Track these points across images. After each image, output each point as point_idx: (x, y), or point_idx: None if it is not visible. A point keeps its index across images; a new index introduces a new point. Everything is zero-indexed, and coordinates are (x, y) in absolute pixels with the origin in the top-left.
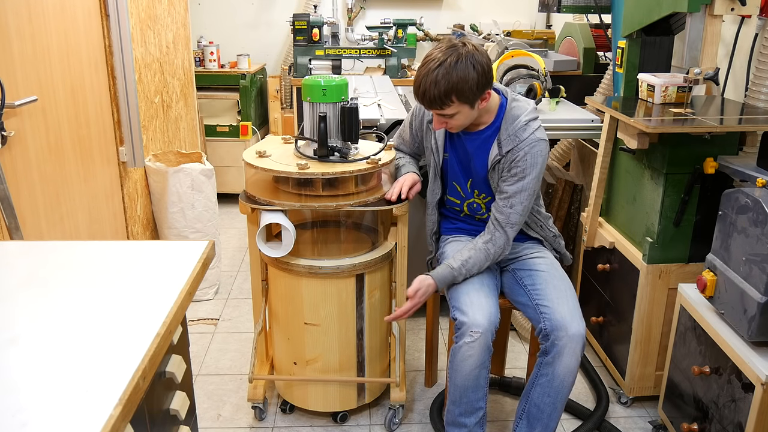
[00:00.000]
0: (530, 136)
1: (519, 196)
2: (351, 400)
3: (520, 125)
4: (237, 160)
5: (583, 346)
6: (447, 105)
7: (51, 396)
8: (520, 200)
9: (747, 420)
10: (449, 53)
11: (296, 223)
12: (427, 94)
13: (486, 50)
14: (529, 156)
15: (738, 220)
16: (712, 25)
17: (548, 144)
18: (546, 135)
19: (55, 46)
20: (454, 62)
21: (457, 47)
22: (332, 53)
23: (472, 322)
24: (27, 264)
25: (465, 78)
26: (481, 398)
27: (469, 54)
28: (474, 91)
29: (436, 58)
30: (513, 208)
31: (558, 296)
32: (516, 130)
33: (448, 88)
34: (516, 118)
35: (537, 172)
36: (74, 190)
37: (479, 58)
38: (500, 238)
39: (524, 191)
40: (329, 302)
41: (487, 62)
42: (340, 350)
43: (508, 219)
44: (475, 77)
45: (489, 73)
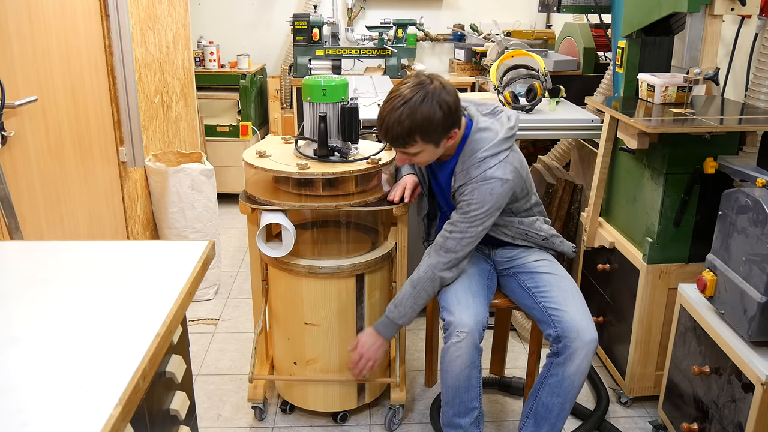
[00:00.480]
0: (481, 174)
1: (460, 226)
2: (351, 400)
3: (474, 162)
4: (237, 160)
5: (596, 348)
6: (410, 144)
7: (51, 396)
8: (460, 229)
9: (747, 420)
10: (416, 90)
11: (296, 223)
12: (390, 132)
13: (454, 88)
14: (476, 193)
15: (738, 220)
16: (712, 25)
17: (508, 182)
18: (509, 171)
19: (55, 46)
20: (419, 101)
21: (425, 84)
22: (332, 53)
23: (458, 322)
24: (27, 264)
25: (430, 118)
26: (474, 398)
27: (436, 92)
28: (439, 132)
29: (402, 94)
30: (451, 234)
31: (565, 298)
32: (468, 166)
33: (412, 128)
34: (473, 153)
35: (485, 209)
36: (74, 190)
37: (446, 97)
38: (425, 262)
39: (465, 223)
40: (329, 302)
41: (454, 101)
42: (340, 350)
43: (444, 243)
44: (440, 117)
45: (456, 113)
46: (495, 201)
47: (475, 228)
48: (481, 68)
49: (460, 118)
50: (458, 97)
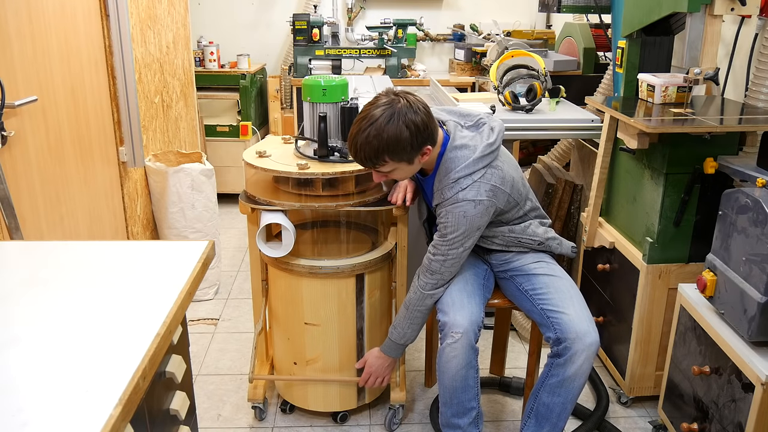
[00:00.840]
0: (453, 196)
1: (441, 248)
2: (351, 400)
3: (447, 183)
4: (237, 160)
5: (597, 350)
6: (380, 164)
7: (51, 396)
8: (441, 251)
9: (747, 420)
10: (383, 110)
11: (296, 223)
12: (359, 154)
13: (425, 104)
14: (449, 216)
15: (738, 220)
16: (712, 25)
17: (479, 203)
18: (483, 191)
19: (55, 46)
20: (385, 122)
21: (392, 104)
22: (332, 53)
23: (453, 323)
24: (27, 264)
25: (397, 138)
26: (472, 398)
27: (403, 112)
28: (408, 151)
29: (369, 115)
30: (435, 257)
31: (563, 299)
32: (443, 186)
33: (380, 149)
34: (447, 172)
35: (461, 231)
36: (74, 190)
37: (413, 117)
38: (414, 284)
39: (446, 245)
40: (329, 302)
41: (422, 119)
42: (340, 350)
43: (429, 266)
44: (407, 137)
45: (425, 131)
46: (469, 223)
47: (455, 250)
48: (481, 68)
49: (432, 135)
50: (428, 113)
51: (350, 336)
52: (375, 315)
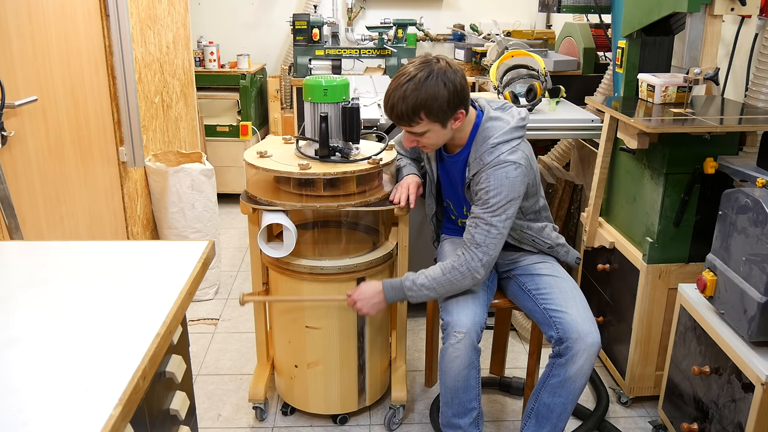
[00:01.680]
0: (494, 159)
1: (483, 217)
2: (352, 402)
3: (486, 148)
4: (237, 160)
5: (598, 351)
6: (415, 122)
7: (51, 396)
8: (484, 221)
9: (747, 420)
10: (421, 68)
11: (297, 223)
12: (395, 109)
13: (462, 69)
14: (492, 179)
15: (738, 220)
16: (712, 25)
17: (522, 167)
18: (524, 156)
19: (55, 46)
20: (424, 78)
21: (431, 63)
22: (332, 53)
23: (456, 323)
24: (27, 264)
25: (435, 95)
26: (473, 398)
27: (442, 71)
28: (444, 110)
29: (407, 72)
30: (477, 228)
31: (566, 300)
32: (482, 153)
33: (416, 104)
34: (485, 140)
35: (504, 194)
36: (74, 190)
37: (451, 76)
38: (462, 257)
39: (488, 213)
40: (330, 304)
41: (460, 81)
42: (341, 352)
43: (473, 239)
44: (445, 95)
45: (462, 92)
46: (511, 185)
47: (498, 218)
48: (481, 68)
49: (466, 100)
50: (465, 78)
51: (351, 338)
52: (376, 315)
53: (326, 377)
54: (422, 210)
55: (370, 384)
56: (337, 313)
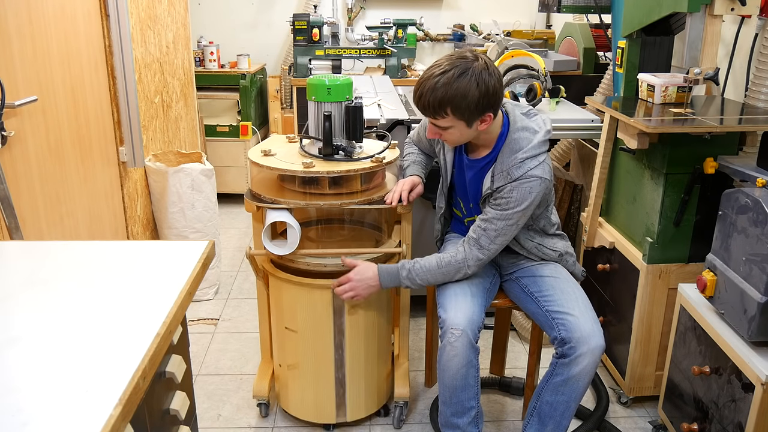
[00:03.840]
0: (524, 174)
1: (496, 223)
2: (329, 414)
3: (515, 162)
4: (237, 160)
5: (602, 353)
6: (441, 116)
7: (51, 396)
8: (495, 227)
9: (747, 420)
10: (457, 64)
11: (301, 221)
12: (422, 99)
13: (499, 73)
14: (515, 192)
15: (738, 220)
16: (712, 25)
17: (546, 181)
18: (549, 170)
19: (55, 46)
20: (458, 74)
21: (468, 60)
22: (332, 53)
23: (452, 320)
24: (27, 264)
25: (465, 93)
26: (471, 397)
27: (477, 71)
28: (471, 110)
29: (442, 64)
30: (486, 232)
31: (568, 301)
32: (510, 166)
33: (444, 99)
34: (514, 152)
35: (523, 207)
36: (74, 190)
37: (486, 78)
38: (461, 253)
39: (502, 221)
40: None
41: (495, 84)
42: (315, 361)
43: (478, 240)
44: (476, 96)
45: (494, 96)
46: (533, 199)
47: (510, 227)
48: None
49: (497, 103)
50: (500, 82)
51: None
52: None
53: (302, 383)
54: (425, 208)
55: (352, 400)
56: (313, 319)
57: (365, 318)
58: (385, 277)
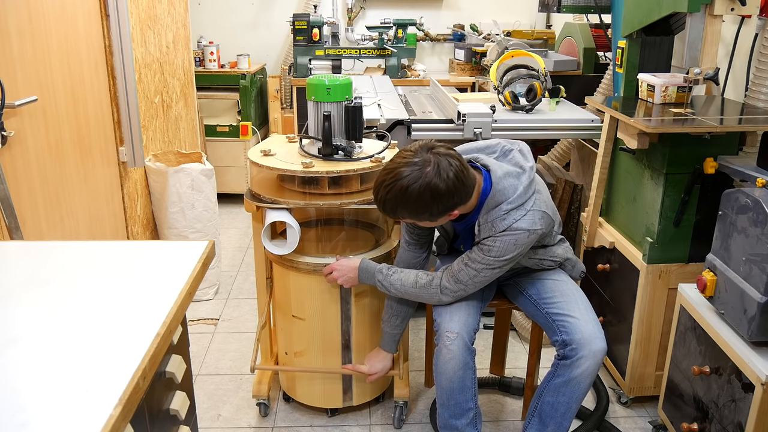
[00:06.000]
0: (509, 227)
1: (477, 265)
2: (336, 398)
3: (499, 214)
4: (237, 160)
5: (603, 357)
6: (402, 218)
7: (51, 396)
8: (476, 267)
9: (747, 420)
10: (411, 170)
11: (301, 221)
12: (379, 205)
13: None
14: (499, 242)
15: (738, 220)
16: (712, 25)
17: (533, 232)
18: (538, 220)
19: (55, 46)
20: (410, 183)
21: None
22: (332, 53)
23: (447, 324)
24: (27, 264)
25: (418, 202)
26: (469, 399)
27: (428, 177)
28: (430, 213)
29: (396, 171)
30: (467, 268)
31: (569, 303)
32: (494, 218)
33: (397, 207)
34: (496, 205)
35: (507, 257)
36: (74, 190)
37: (439, 184)
38: (437, 279)
39: (483, 263)
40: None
41: (448, 188)
42: (323, 347)
43: (458, 275)
44: (429, 203)
45: (452, 198)
46: (518, 251)
47: (491, 271)
48: (481, 68)
49: (461, 198)
50: (460, 178)
51: (334, 334)
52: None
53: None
54: None
55: (359, 384)
56: (321, 307)
57: (371, 304)
58: (363, 272)
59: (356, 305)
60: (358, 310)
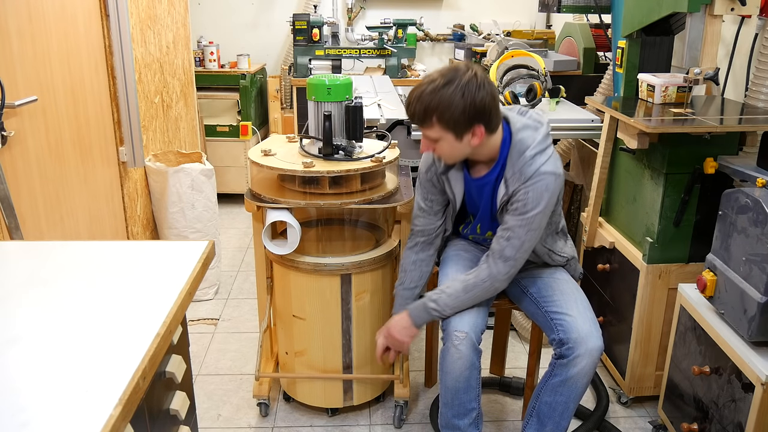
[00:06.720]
0: (536, 171)
1: (518, 231)
2: (336, 398)
3: (525, 161)
4: (237, 160)
5: (600, 355)
6: (428, 125)
7: (51, 396)
8: (518, 235)
9: (747, 420)
10: (446, 75)
11: (301, 220)
12: (410, 107)
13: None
14: (531, 192)
15: (738, 220)
16: (712, 25)
17: (559, 177)
18: (559, 165)
19: (55, 46)
20: (443, 84)
21: (458, 72)
22: (332, 53)
23: (456, 324)
24: (27, 264)
25: (448, 104)
26: (473, 399)
27: (465, 82)
28: (456, 120)
29: (432, 76)
30: (509, 242)
31: (567, 302)
32: (521, 166)
33: (429, 108)
34: (521, 153)
35: (542, 207)
36: (74, 190)
37: (473, 89)
38: (485, 270)
39: (524, 227)
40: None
41: (483, 98)
42: (324, 347)
43: (503, 252)
44: (460, 106)
45: (482, 109)
46: (549, 198)
47: (533, 232)
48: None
49: (487, 117)
50: (493, 96)
51: (335, 334)
52: (367, 315)
53: (311, 368)
54: None
55: (359, 383)
56: (321, 306)
57: (371, 303)
58: (415, 316)
59: (356, 305)
60: (358, 310)
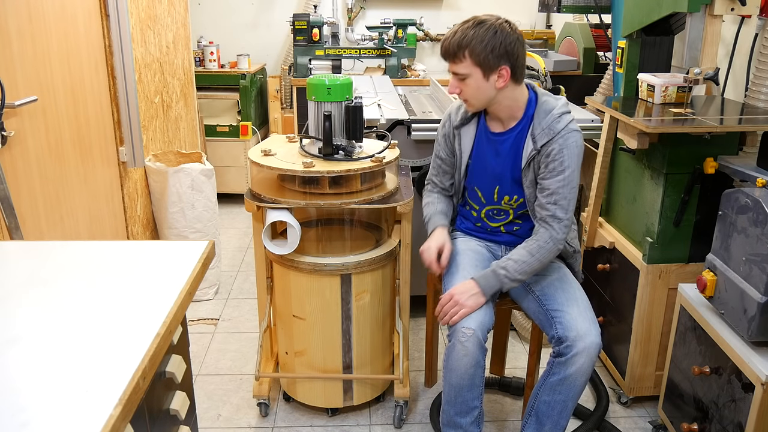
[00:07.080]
0: (565, 126)
1: (562, 191)
2: (336, 398)
3: (553, 118)
4: (237, 160)
5: (598, 352)
6: (459, 59)
7: (51, 396)
8: (563, 195)
9: (747, 420)
10: (481, 19)
11: (301, 220)
12: (443, 44)
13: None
14: (565, 149)
15: (738, 220)
16: (712, 25)
17: (581, 137)
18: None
19: (55, 46)
20: (477, 23)
21: (492, 17)
22: (332, 53)
23: (463, 321)
24: (27, 264)
25: (482, 38)
26: (476, 397)
27: (498, 24)
28: (486, 54)
29: (467, 19)
30: (557, 204)
31: (567, 299)
32: (550, 122)
33: (462, 42)
34: (548, 111)
35: (576, 164)
36: (74, 190)
37: (506, 30)
38: (544, 233)
39: (566, 185)
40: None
41: (513, 41)
42: (324, 347)
43: (555, 214)
44: (491, 44)
45: (510, 48)
46: (579, 155)
47: (574, 189)
48: None
49: (514, 59)
50: (521, 44)
51: (335, 334)
52: (365, 315)
53: (311, 368)
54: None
55: (359, 383)
56: (321, 306)
57: (371, 303)
58: (483, 284)
59: (356, 305)
60: (358, 310)
